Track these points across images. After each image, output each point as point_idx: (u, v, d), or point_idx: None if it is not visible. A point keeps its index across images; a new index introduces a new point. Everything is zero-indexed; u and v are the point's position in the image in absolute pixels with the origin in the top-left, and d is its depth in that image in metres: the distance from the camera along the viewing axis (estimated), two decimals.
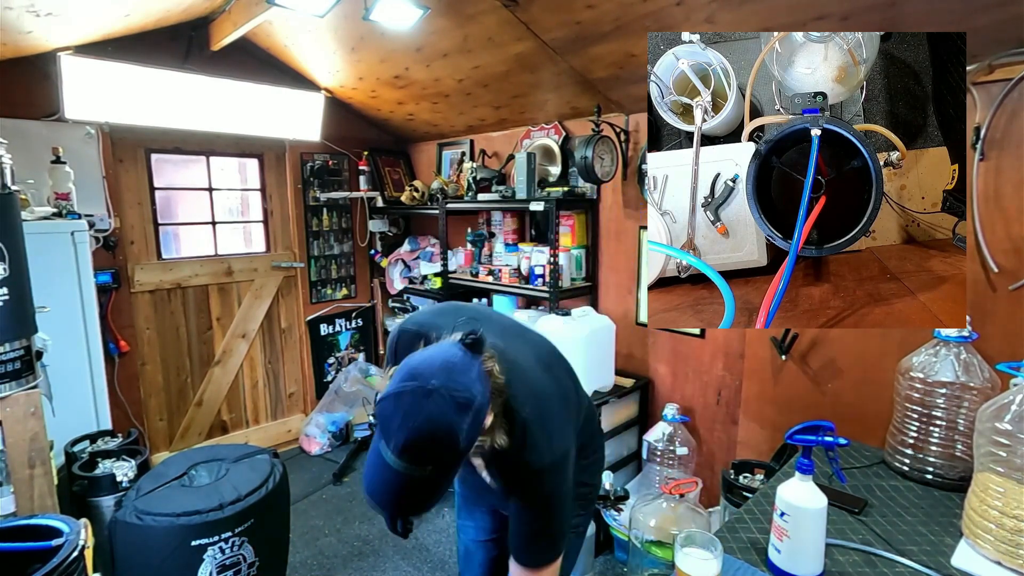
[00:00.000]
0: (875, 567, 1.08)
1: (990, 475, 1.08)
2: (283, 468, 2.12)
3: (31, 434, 1.53)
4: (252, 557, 1.87)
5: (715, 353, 2.43)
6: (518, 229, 3.08)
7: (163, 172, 3.07)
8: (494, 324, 1.18)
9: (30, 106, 2.50)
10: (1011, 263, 1.62)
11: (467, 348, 0.93)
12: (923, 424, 1.37)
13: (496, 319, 1.25)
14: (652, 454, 2.38)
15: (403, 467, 0.83)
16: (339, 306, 3.82)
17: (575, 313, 2.44)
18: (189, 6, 2.48)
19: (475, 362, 0.92)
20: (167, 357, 3.14)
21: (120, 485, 1.99)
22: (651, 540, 1.92)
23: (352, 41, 2.62)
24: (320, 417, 3.58)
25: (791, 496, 1.05)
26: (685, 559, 0.99)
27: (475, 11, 2.10)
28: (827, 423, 1.09)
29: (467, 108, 3.03)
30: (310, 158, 3.55)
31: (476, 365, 0.92)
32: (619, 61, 2.18)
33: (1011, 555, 1.02)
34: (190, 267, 3.16)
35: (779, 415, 2.22)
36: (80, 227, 2.22)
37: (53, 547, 1.21)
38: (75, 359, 2.22)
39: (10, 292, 1.46)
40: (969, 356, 1.32)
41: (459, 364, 0.89)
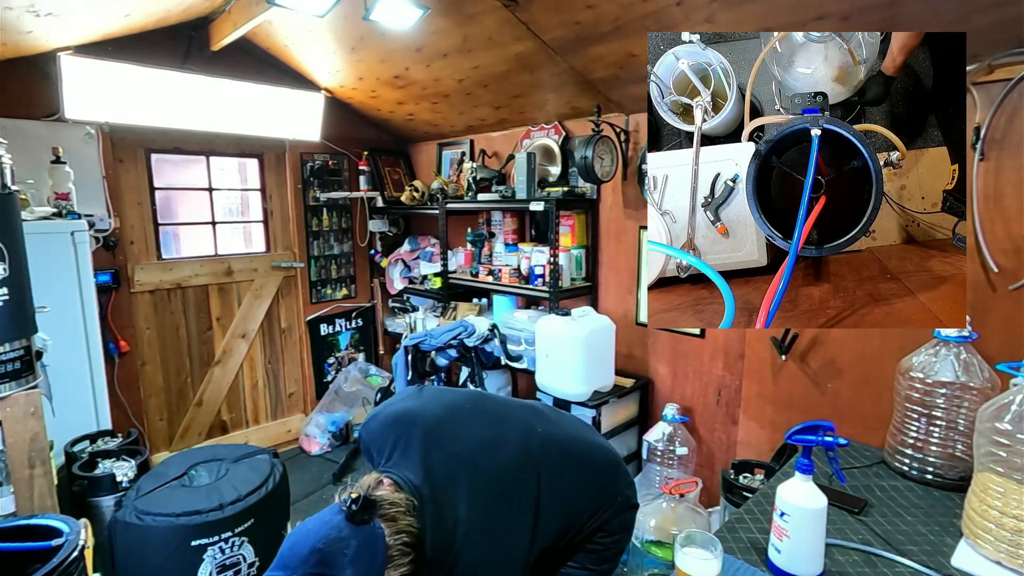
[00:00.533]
0: (875, 567, 1.08)
1: (990, 475, 1.08)
2: (283, 468, 2.12)
3: (31, 434, 1.53)
4: (252, 557, 1.88)
5: (715, 353, 2.43)
6: (518, 229, 3.08)
7: (163, 172, 3.07)
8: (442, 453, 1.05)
9: (30, 106, 2.50)
10: (1011, 263, 1.62)
11: (350, 519, 0.89)
12: (923, 424, 1.37)
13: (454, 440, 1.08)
14: (652, 454, 2.38)
15: None
16: (339, 306, 3.82)
17: (575, 313, 2.44)
18: (189, 6, 2.48)
19: (356, 537, 0.88)
20: (167, 357, 3.14)
21: (120, 485, 1.99)
22: (651, 540, 1.92)
23: (352, 41, 2.62)
24: (320, 417, 3.58)
25: (791, 496, 1.05)
26: (685, 559, 0.98)
27: (475, 11, 2.10)
28: (827, 423, 1.09)
29: (467, 108, 3.03)
30: (310, 158, 3.55)
31: (356, 541, 0.88)
32: (619, 61, 2.18)
33: (1011, 555, 1.02)
34: (190, 267, 3.16)
35: (779, 415, 2.22)
36: (80, 227, 2.22)
37: (53, 547, 1.21)
38: (75, 359, 2.22)
39: (10, 292, 1.46)
40: (969, 356, 1.32)
41: (333, 545, 0.87)
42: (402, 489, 0.99)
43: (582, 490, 1.12)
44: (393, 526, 0.92)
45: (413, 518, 0.95)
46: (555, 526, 1.07)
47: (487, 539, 1.00)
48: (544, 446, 1.12)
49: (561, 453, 1.13)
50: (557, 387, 2.45)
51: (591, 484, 1.14)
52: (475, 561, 0.99)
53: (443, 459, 1.04)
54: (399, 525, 0.93)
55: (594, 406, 2.42)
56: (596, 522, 1.12)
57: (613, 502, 1.14)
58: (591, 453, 1.18)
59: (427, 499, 0.98)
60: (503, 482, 1.05)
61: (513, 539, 1.02)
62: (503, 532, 1.02)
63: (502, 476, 1.05)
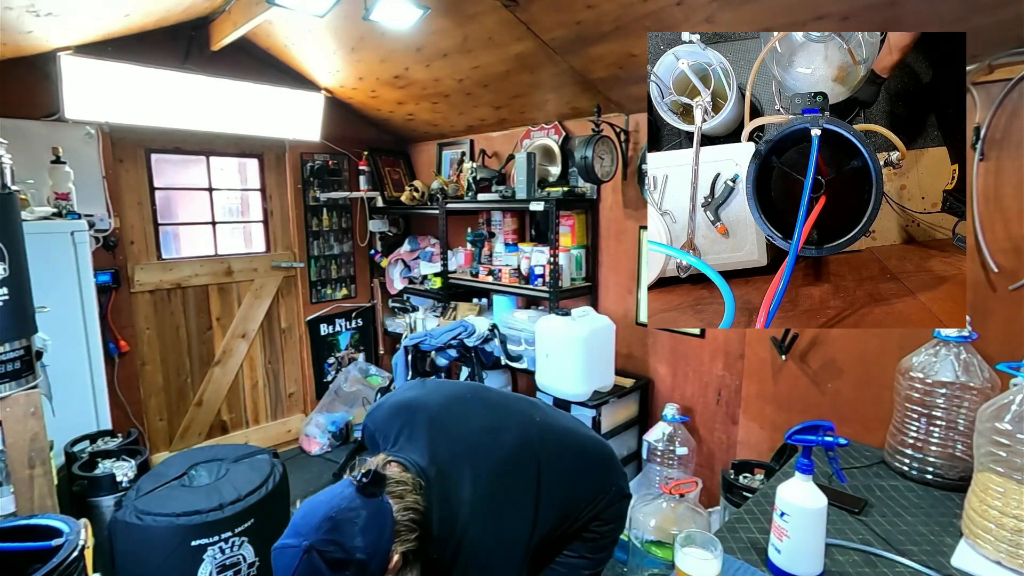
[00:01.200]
0: (875, 567, 1.08)
1: (990, 475, 1.08)
2: (283, 468, 2.12)
3: (31, 434, 1.53)
4: (252, 557, 1.88)
5: (715, 353, 2.43)
6: (518, 229, 3.08)
7: (163, 172, 3.07)
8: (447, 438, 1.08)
9: (30, 106, 2.50)
10: (1011, 263, 1.62)
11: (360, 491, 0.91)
12: (923, 424, 1.37)
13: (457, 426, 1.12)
14: (652, 454, 2.38)
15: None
16: (339, 306, 3.82)
17: (575, 313, 2.44)
18: (189, 6, 2.48)
19: (367, 508, 0.90)
20: (167, 357, 3.14)
21: (120, 485, 1.99)
22: (651, 540, 1.92)
23: (352, 41, 2.62)
24: (320, 417, 3.58)
25: (791, 496, 1.05)
26: (685, 559, 0.98)
27: (475, 11, 2.10)
28: (827, 423, 1.09)
29: (467, 108, 3.03)
30: (310, 158, 3.55)
31: (367, 511, 0.90)
32: (619, 61, 2.18)
33: (1011, 555, 1.02)
34: (190, 267, 3.16)
35: (779, 415, 2.22)
36: (80, 227, 2.22)
37: (53, 547, 1.21)
38: (75, 359, 2.22)
39: (10, 292, 1.46)
40: (969, 356, 1.32)
41: (344, 514, 0.89)
42: (409, 470, 1.01)
43: (579, 479, 1.15)
44: (400, 503, 0.95)
45: (419, 496, 0.98)
46: (554, 513, 1.09)
47: (491, 520, 1.03)
48: (543, 435, 1.15)
49: (558, 443, 1.17)
50: (557, 387, 2.45)
51: (587, 473, 1.17)
52: (480, 540, 1.01)
53: (447, 444, 1.07)
54: (406, 502, 0.95)
55: (594, 406, 2.42)
56: (592, 511, 1.15)
57: (608, 491, 1.17)
58: (585, 445, 1.21)
59: (432, 480, 1.01)
60: (505, 466, 1.07)
61: (516, 521, 1.04)
62: (506, 514, 1.04)
63: (504, 461, 1.08)
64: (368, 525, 0.89)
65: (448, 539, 1.00)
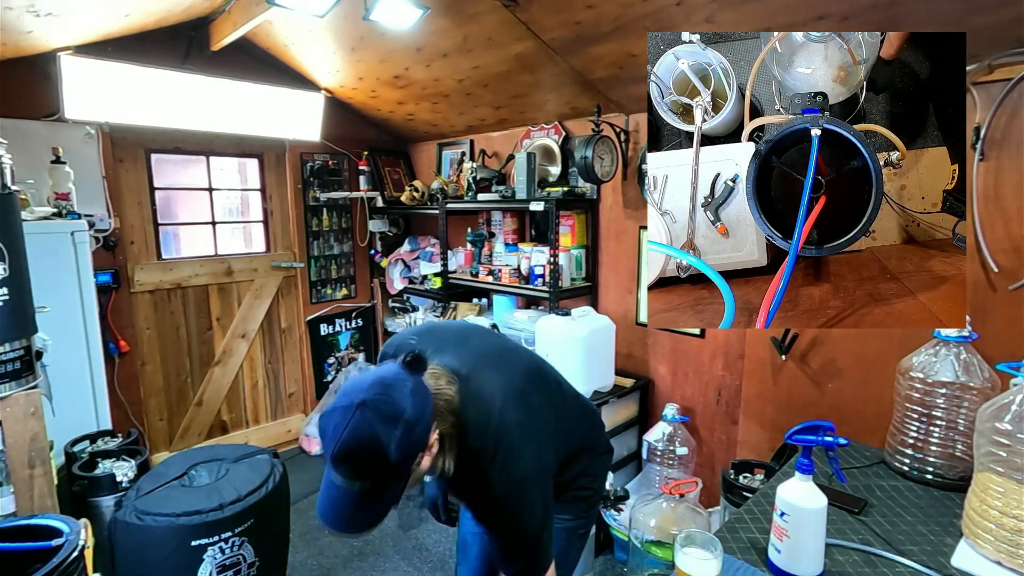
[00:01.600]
0: (875, 567, 1.08)
1: (990, 475, 1.08)
2: (283, 468, 2.12)
3: (31, 434, 1.53)
4: (252, 557, 1.88)
5: (715, 353, 2.43)
6: (518, 229, 3.08)
7: (163, 172, 3.07)
8: (470, 349, 1.16)
9: (30, 106, 2.50)
10: (1011, 263, 1.62)
11: (406, 366, 0.95)
12: (923, 424, 1.37)
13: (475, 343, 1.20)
14: (652, 454, 2.38)
15: (340, 481, 0.88)
16: (339, 306, 3.82)
17: (575, 313, 2.44)
18: (189, 6, 2.49)
19: (412, 379, 0.95)
20: (167, 357, 3.14)
21: (120, 485, 1.99)
22: (651, 540, 1.92)
23: (352, 41, 2.62)
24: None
25: (791, 496, 1.05)
26: (685, 559, 0.98)
27: (475, 11, 2.10)
28: (827, 423, 1.09)
29: (467, 108, 3.03)
30: (310, 158, 3.55)
31: (412, 382, 0.94)
32: (619, 61, 2.18)
33: (1011, 555, 1.02)
34: (190, 267, 3.16)
35: (779, 415, 2.22)
36: (80, 227, 2.22)
37: (53, 547, 1.21)
38: (75, 359, 2.22)
39: (10, 292, 1.46)
40: (969, 356, 1.32)
41: (393, 381, 0.92)
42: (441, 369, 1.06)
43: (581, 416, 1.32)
44: (438, 390, 1.00)
45: (454, 388, 1.03)
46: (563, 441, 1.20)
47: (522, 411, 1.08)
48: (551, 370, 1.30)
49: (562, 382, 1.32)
50: None
51: (587, 416, 1.36)
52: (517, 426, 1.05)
53: (472, 354, 1.14)
54: (443, 392, 1.01)
55: (596, 410, 2.41)
56: (582, 464, 1.29)
57: (597, 442, 1.36)
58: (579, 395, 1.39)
59: (464, 378, 1.06)
60: (530, 374, 1.18)
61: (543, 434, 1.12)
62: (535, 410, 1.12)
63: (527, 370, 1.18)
64: (415, 391, 0.93)
65: (486, 428, 1.03)
